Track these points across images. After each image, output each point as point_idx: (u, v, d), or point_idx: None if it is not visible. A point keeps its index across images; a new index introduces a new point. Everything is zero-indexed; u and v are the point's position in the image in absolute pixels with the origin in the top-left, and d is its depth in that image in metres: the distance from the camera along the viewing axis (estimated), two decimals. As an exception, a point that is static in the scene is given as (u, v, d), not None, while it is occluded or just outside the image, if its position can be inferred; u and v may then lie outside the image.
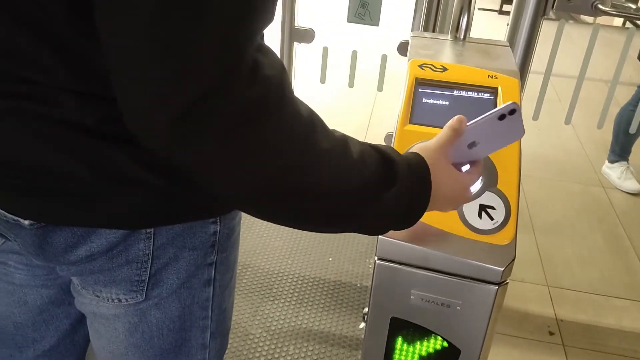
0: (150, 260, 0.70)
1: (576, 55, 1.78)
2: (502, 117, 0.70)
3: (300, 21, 1.73)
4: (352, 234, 2.18)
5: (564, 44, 1.53)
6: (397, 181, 0.64)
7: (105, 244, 0.67)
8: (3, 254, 0.80)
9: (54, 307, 0.85)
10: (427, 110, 0.92)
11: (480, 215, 0.81)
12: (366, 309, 1.83)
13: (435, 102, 0.93)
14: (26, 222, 0.66)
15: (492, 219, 0.81)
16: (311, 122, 0.58)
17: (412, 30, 2.15)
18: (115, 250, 0.68)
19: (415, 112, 0.91)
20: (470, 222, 0.81)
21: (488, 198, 0.82)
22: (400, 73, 1.01)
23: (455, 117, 0.71)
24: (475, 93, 0.94)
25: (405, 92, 0.95)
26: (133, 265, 0.70)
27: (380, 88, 1.70)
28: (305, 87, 2.06)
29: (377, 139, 1.62)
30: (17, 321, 0.86)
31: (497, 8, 5.73)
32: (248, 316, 1.85)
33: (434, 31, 1.58)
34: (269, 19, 0.53)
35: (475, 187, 0.76)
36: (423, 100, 0.93)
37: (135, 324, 0.75)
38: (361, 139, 0.65)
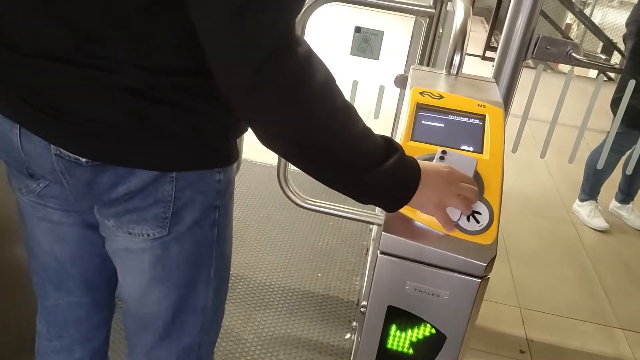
0: (172, 200, 0.87)
1: (553, 103, 1.97)
2: (441, 158, 0.98)
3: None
4: (340, 254, 2.31)
5: (541, 91, 1.71)
6: (393, 155, 0.84)
7: (139, 183, 0.84)
8: (44, 197, 0.97)
9: (87, 245, 1.02)
10: (425, 130, 1.07)
11: (468, 219, 0.96)
12: (355, 323, 1.95)
13: (433, 123, 1.09)
14: (83, 159, 0.82)
15: (478, 222, 0.96)
16: (332, 77, 0.78)
17: (405, 65, 2.34)
18: (147, 190, 0.85)
19: (416, 131, 1.07)
20: (460, 224, 0.95)
21: (476, 206, 0.97)
22: (392, 103, 1.17)
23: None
24: (467, 118, 1.10)
25: (408, 114, 1.10)
26: (160, 204, 0.87)
27: (376, 115, 1.87)
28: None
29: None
30: (58, 257, 1.03)
31: (481, 54, 6.04)
32: (241, 323, 1.96)
33: (427, 66, 1.76)
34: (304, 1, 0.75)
35: (456, 215, 0.94)
36: (422, 122, 1.09)
37: (158, 257, 0.92)
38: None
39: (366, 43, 1.76)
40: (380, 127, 2.46)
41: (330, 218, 2.57)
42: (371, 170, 0.83)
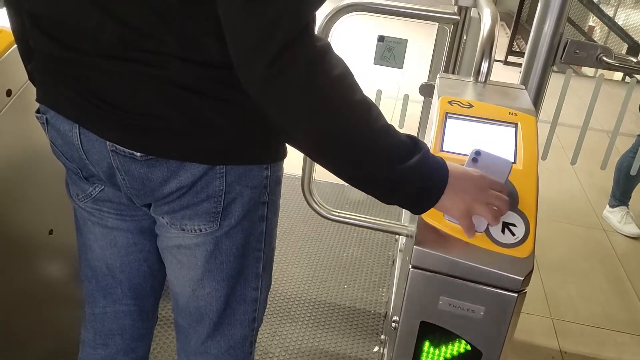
0: (223, 195, 0.91)
1: (579, 106, 1.93)
2: (474, 160, 0.93)
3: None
4: (366, 265, 2.28)
5: (567, 96, 1.67)
6: (417, 152, 0.83)
7: (190, 177, 0.87)
8: (99, 201, 1.01)
9: (137, 251, 1.07)
10: (456, 140, 1.05)
11: (503, 231, 0.93)
12: (383, 336, 1.91)
13: (463, 133, 1.06)
14: (138, 154, 0.86)
15: (513, 234, 0.93)
16: (350, 72, 0.78)
17: (429, 73, 2.31)
18: (197, 185, 0.88)
19: (446, 141, 1.04)
20: (495, 237, 0.92)
21: (510, 217, 0.94)
22: (416, 111, 1.14)
23: None
24: (498, 127, 1.07)
25: (437, 124, 1.08)
26: (211, 199, 0.90)
27: (401, 124, 1.85)
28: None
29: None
30: (110, 262, 1.07)
31: (503, 59, 5.97)
32: (267, 336, 1.94)
33: (454, 74, 1.73)
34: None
35: (483, 225, 0.91)
36: (452, 132, 1.06)
37: (211, 251, 0.96)
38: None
39: (389, 52, 1.74)
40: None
41: (354, 228, 2.54)
42: (395, 167, 0.81)
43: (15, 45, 1.13)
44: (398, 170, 0.82)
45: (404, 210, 2.60)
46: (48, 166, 1.41)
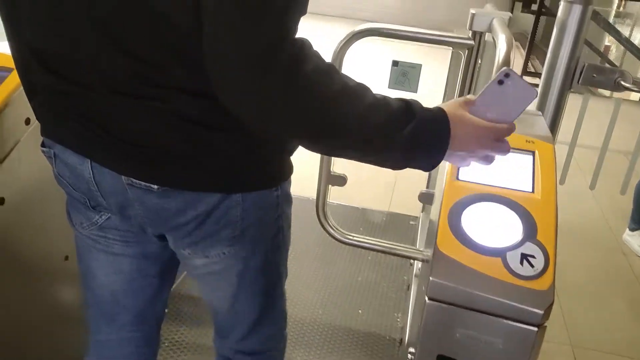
0: (241, 221, 0.95)
1: (596, 127, 1.90)
2: (500, 82, 0.86)
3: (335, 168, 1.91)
4: (381, 289, 2.26)
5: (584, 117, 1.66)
6: (415, 115, 0.83)
7: (206, 207, 0.91)
8: (104, 229, 1.02)
9: (141, 277, 1.08)
10: (471, 169, 1.03)
11: (522, 263, 0.91)
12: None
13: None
14: (155, 186, 0.88)
15: (532, 266, 0.91)
16: (333, 66, 0.79)
17: (444, 97, 2.30)
18: (216, 214, 0.92)
19: (461, 171, 1.03)
20: (513, 269, 0.90)
21: (528, 248, 0.92)
22: None
23: (467, 96, 0.91)
24: (516, 155, 1.05)
25: (452, 152, 1.06)
26: (230, 226, 0.94)
27: None
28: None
29: (406, 195, 1.74)
30: (114, 289, 1.09)
31: (517, 78, 5.95)
32: (281, 362, 1.91)
33: (468, 99, 1.72)
34: (306, 8, 0.76)
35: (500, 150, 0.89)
36: (468, 160, 1.05)
37: (240, 270, 1.03)
38: (389, 196, 0.81)
39: (404, 76, 1.74)
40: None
41: (368, 252, 2.52)
42: (394, 140, 0.83)
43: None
44: (398, 142, 0.83)
45: (419, 234, 2.57)
46: (63, 192, 1.42)
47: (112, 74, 0.82)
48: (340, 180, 1.92)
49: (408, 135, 0.82)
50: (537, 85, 1.70)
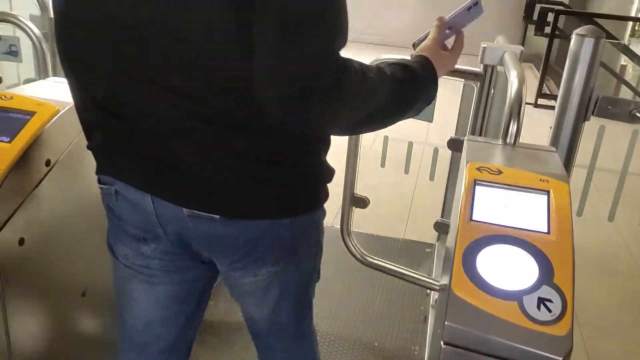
0: (290, 241, 1.06)
1: (613, 149, 1.88)
2: (469, 8, 1.16)
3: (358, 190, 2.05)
4: (397, 321, 2.24)
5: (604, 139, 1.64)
6: (418, 74, 1.04)
7: (260, 232, 1.02)
8: (148, 259, 1.08)
9: (176, 304, 1.14)
10: (485, 209, 1.03)
11: (539, 307, 0.90)
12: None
13: (492, 202, 1.05)
14: (217, 216, 0.97)
15: (549, 311, 0.90)
16: (365, 66, 0.92)
17: (456, 126, 2.31)
18: (268, 237, 1.03)
19: (475, 211, 1.03)
20: (530, 313, 0.89)
21: (545, 292, 0.91)
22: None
23: (438, 17, 1.17)
24: (529, 195, 1.05)
25: (465, 192, 1.07)
26: (281, 246, 1.06)
27: (432, 177, 1.86)
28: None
29: (421, 222, 1.73)
30: (149, 318, 1.14)
31: (533, 101, 5.93)
32: (297, 397, 1.89)
33: (480, 133, 1.72)
34: (346, 39, 0.87)
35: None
36: (481, 201, 1.05)
37: (284, 282, 1.13)
38: (404, 223, 0.87)
39: None
40: (435, 187, 2.41)
41: (383, 282, 2.51)
42: (412, 102, 1.04)
43: (55, 118, 1.19)
44: (412, 104, 1.04)
45: (435, 263, 2.56)
46: (82, 231, 1.44)
47: (171, 116, 0.90)
48: (363, 203, 2.02)
49: (417, 94, 1.04)
50: (551, 108, 1.69)
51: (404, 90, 1.00)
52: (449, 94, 2.53)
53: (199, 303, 1.20)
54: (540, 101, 5.85)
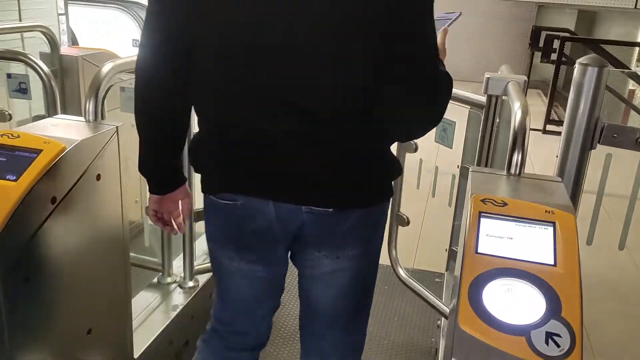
0: (375, 225, 1.27)
1: (621, 174, 1.86)
2: (456, 19, 1.28)
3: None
4: (408, 354, 2.20)
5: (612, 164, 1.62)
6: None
7: (358, 217, 1.20)
8: (255, 260, 1.27)
9: (271, 289, 1.36)
10: (491, 241, 1.02)
11: (547, 342, 0.88)
12: None
13: (498, 234, 1.03)
14: (330, 209, 1.17)
15: (558, 346, 0.88)
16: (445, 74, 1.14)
17: (462, 155, 2.30)
18: (363, 222, 1.22)
19: (481, 244, 1.02)
20: (538, 349, 0.87)
21: (553, 326, 0.89)
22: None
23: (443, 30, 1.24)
24: (535, 227, 1.04)
25: (470, 224, 1.06)
26: (369, 231, 1.26)
27: (450, 203, 1.87)
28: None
29: (430, 250, 1.73)
30: (251, 302, 1.36)
31: (541, 128, 5.92)
32: None
33: (486, 162, 1.72)
34: None
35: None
36: (487, 233, 1.03)
37: (360, 264, 1.27)
38: (413, 251, 0.88)
39: (444, 132, 1.77)
40: (445, 214, 2.41)
41: (394, 314, 2.47)
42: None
43: (61, 156, 1.20)
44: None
45: (444, 292, 2.52)
46: (87, 268, 1.44)
47: (295, 130, 1.09)
48: (404, 221, 2.24)
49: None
50: (558, 134, 1.68)
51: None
52: (457, 119, 2.54)
53: (282, 286, 1.39)
54: (549, 127, 5.85)
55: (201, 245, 2.29)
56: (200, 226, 2.30)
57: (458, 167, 2.12)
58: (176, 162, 1.29)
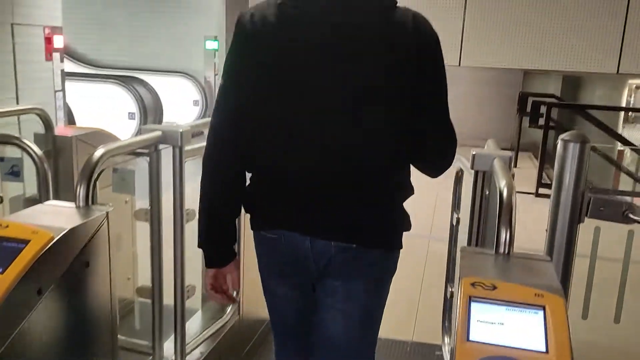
0: (389, 268, 1.49)
1: (614, 233, 1.85)
2: None
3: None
4: None
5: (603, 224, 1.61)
6: None
7: (375, 256, 1.44)
8: (291, 287, 1.53)
9: (303, 313, 1.56)
10: (482, 328, 1.01)
11: None
12: None
13: (488, 320, 1.02)
14: (354, 245, 1.40)
15: None
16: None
17: (452, 214, 2.31)
18: (381, 263, 1.46)
19: (472, 331, 1.00)
20: None
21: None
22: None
23: None
24: (525, 312, 1.03)
25: (461, 310, 1.05)
26: (385, 270, 1.49)
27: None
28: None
29: (428, 321, 1.69)
30: (291, 322, 1.59)
31: (533, 191, 5.97)
32: None
33: (477, 238, 1.72)
34: None
35: None
36: (477, 320, 1.02)
37: (373, 300, 1.49)
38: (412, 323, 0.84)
39: None
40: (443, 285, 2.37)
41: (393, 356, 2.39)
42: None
43: (49, 245, 1.20)
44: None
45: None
46: (73, 356, 1.41)
47: (331, 181, 1.36)
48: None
49: None
50: (547, 196, 1.69)
51: None
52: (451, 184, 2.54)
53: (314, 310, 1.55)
54: (541, 190, 5.89)
55: (192, 325, 2.25)
56: (190, 302, 2.28)
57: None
58: (231, 237, 1.52)
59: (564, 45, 8.12)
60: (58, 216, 1.41)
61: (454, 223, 2.33)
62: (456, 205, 2.35)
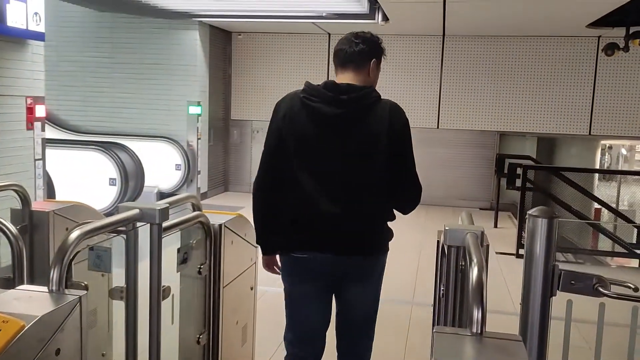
0: (381, 267, 2.28)
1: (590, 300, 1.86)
2: None
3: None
4: None
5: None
6: None
7: (373, 260, 2.24)
8: (315, 291, 2.25)
9: (325, 313, 2.32)
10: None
11: None
12: None
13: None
14: (361, 257, 2.19)
15: None
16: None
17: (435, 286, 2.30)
18: (377, 265, 2.26)
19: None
20: None
21: None
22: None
23: None
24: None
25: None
26: (377, 268, 2.27)
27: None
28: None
29: None
30: (314, 321, 2.32)
31: (514, 251, 6.01)
32: None
33: (454, 315, 1.73)
34: None
35: None
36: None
37: (376, 290, 2.31)
38: None
39: None
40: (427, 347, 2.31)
41: None
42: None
43: (20, 334, 1.18)
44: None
45: None
46: None
47: (343, 214, 2.11)
48: None
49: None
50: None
51: None
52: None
53: (331, 307, 2.32)
54: (522, 252, 5.92)
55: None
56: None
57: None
58: (275, 239, 2.26)
59: (537, 110, 8.44)
60: (30, 302, 1.40)
61: (440, 296, 2.34)
62: (439, 278, 2.35)
